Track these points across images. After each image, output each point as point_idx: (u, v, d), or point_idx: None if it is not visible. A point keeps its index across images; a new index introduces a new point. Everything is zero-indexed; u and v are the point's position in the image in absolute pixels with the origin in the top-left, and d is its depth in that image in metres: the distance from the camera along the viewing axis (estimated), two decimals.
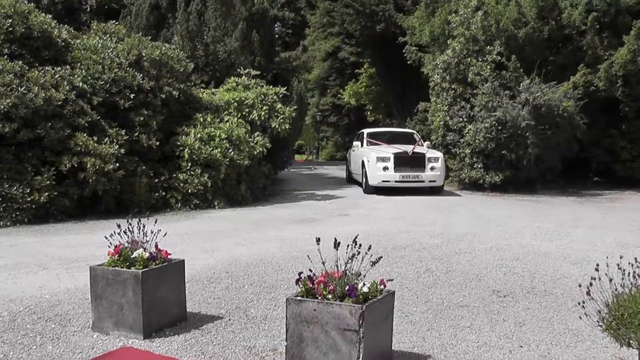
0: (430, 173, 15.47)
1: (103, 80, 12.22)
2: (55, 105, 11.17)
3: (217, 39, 19.14)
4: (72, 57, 12.54)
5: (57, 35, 12.52)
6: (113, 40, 13.63)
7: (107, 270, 4.55)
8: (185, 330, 4.62)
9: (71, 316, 5.08)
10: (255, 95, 15.36)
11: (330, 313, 3.66)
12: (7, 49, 11.44)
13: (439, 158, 15.72)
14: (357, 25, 28.55)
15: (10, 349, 4.32)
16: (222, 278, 6.38)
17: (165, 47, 14.26)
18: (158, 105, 13.12)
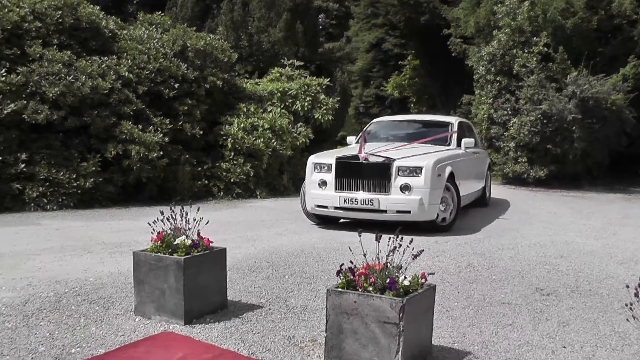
0: (400, 197, 8.50)
1: (148, 70, 12.37)
2: (102, 94, 11.35)
3: (261, 30, 19.21)
4: (119, 47, 12.71)
5: (104, 26, 12.70)
6: (159, 30, 13.80)
7: (149, 256, 4.61)
8: (226, 318, 4.65)
9: (114, 299, 5.16)
10: (298, 85, 15.39)
11: (370, 305, 3.65)
12: (57, 39, 11.64)
13: (423, 169, 8.49)
14: (401, 16, 28.30)
15: (55, 329, 4.42)
16: (263, 267, 6.41)
17: (210, 38, 14.37)
18: (202, 94, 13.25)
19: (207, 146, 13.44)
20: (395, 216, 8.47)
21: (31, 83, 10.79)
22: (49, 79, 10.84)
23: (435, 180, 8.56)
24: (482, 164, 12.07)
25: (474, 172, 11.08)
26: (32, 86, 10.80)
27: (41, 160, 10.80)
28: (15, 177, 10.57)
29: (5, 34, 10.99)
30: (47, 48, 11.29)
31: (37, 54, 11.10)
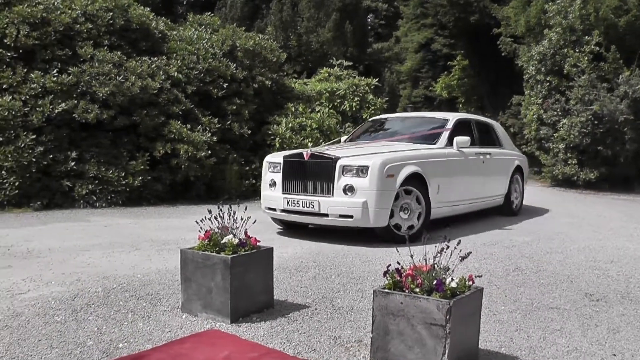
0: (342, 199, 7.62)
1: (197, 70, 12.51)
2: (151, 93, 11.51)
3: (310, 30, 19.27)
4: (168, 47, 12.87)
5: (154, 27, 12.88)
6: (208, 31, 13.94)
7: (197, 254, 4.65)
8: (272, 317, 4.66)
9: (161, 296, 5.22)
10: (347, 86, 15.39)
11: (417, 307, 3.62)
12: (107, 40, 11.85)
13: (369, 169, 7.55)
14: (450, 16, 28.08)
15: (103, 323, 4.49)
16: (309, 267, 6.42)
17: (259, 38, 14.46)
18: (250, 94, 13.34)
19: (255, 146, 13.52)
20: (338, 221, 7.71)
21: (82, 83, 11.01)
22: (100, 79, 11.05)
23: (383, 182, 7.55)
24: (498, 167, 10.56)
25: (477, 175, 9.73)
26: (82, 86, 11.02)
27: (91, 158, 11.03)
28: (66, 174, 10.82)
29: (58, 36, 11.23)
30: (98, 49, 11.50)
31: (88, 54, 11.31)
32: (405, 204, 8.00)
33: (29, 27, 10.87)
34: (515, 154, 11.59)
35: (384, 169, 7.58)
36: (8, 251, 7.05)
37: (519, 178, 11.34)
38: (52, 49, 11.15)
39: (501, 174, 10.64)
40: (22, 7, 11.01)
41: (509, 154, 11.18)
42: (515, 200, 11.17)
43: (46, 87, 10.77)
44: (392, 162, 7.76)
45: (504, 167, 10.81)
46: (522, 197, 11.57)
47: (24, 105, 10.64)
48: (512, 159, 11.15)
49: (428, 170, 8.24)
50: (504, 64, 24.55)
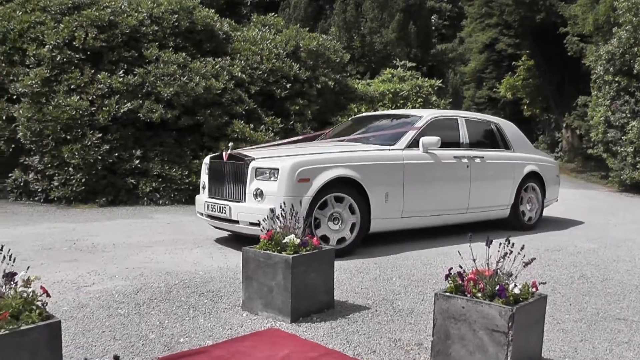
0: (252, 205, 6.81)
1: (261, 70, 12.61)
2: (215, 93, 11.66)
3: (373, 30, 19.23)
4: (232, 48, 13.01)
5: (218, 28, 13.04)
6: (272, 31, 14.05)
7: (258, 253, 4.68)
8: (332, 318, 4.65)
9: (222, 294, 5.28)
10: (410, 87, 15.30)
11: (479, 312, 3.56)
12: (172, 42, 12.06)
13: (279, 172, 6.69)
14: (516, 15, 27.57)
15: (165, 318, 4.56)
16: (370, 269, 6.38)
17: (322, 38, 14.49)
18: (313, 95, 13.38)
19: None
20: (249, 229, 6.81)
21: (147, 83, 11.24)
22: (164, 79, 11.25)
23: (294, 187, 6.61)
24: (497, 173, 9.04)
25: (458, 182, 8.39)
26: (148, 86, 11.24)
27: (155, 157, 11.27)
28: (130, 172, 11.09)
29: (124, 38, 11.48)
30: (163, 50, 11.71)
31: (154, 56, 11.53)
32: (336, 213, 6.95)
33: (97, 30, 11.14)
34: (531, 157, 9.81)
35: (295, 172, 6.63)
36: (74, 245, 7.27)
37: (536, 186, 9.71)
38: (119, 51, 11.40)
39: (502, 181, 9.13)
40: (90, 10, 11.30)
41: (518, 158, 9.49)
42: (529, 213, 9.60)
43: (112, 88, 11.03)
44: (307, 164, 6.74)
45: (507, 173, 9.23)
46: (542, 209, 9.90)
47: (91, 105, 10.92)
48: (521, 164, 9.46)
49: (368, 174, 7.15)
50: (570, 64, 24.01)
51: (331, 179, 6.81)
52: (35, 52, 10.99)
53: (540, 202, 9.82)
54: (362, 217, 7.12)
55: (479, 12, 33.60)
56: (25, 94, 10.84)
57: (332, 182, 6.84)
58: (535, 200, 9.77)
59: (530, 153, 9.96)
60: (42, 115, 10.67)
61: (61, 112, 10.58)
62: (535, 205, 9.74)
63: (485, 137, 9.38)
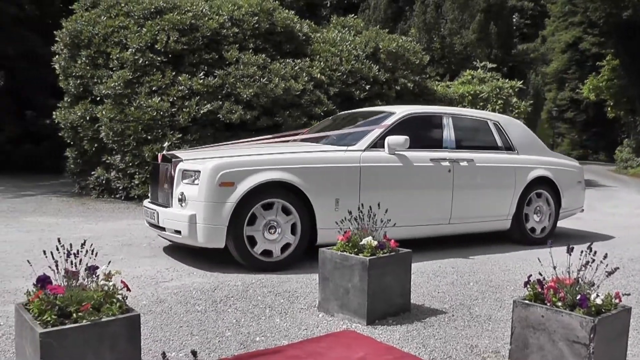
0: (175, 211, 6.22)
1: (340, 72, 12.61)
2: (294, 95, 11.72)
3: (453, 31, 18.99)
4: (312, 50, 13.06)
5: (298, 30, 13.11)
6: (351, 33, 14.04)
7: (335, 255, 4.66)
8: (408, 321, 4.58)
9: (299, 294, 5.27)
10: (490, 88, 15.03)
11: (559, 322, 3.41)
12: (252, 43, 12.19)
13: (201, 174, 6.01)
14: (601, 12, 26.68)
15: (242, 316, 4.59)
16: (447, 273, 6.27)
17: (402, 40, 14.40)
18: (392, 96, 13.31)
19: None
20: (175, 237, 6.25)
21: (227, 85, 11.39)
22: (244, 81, 11.38)
23: (216, 192, 5.91)
24: (491, 178, 7.83)
25: (437, 189, 7.31)
26: (227, 88, 11.39)
27: None
28: None
29: (205, 40, 11.68)
30: (243, 52, 11.85)
31: (234, 57, 11.68)
32: (272, 221, 6.19)
33: (178, 33, 11.38)
34: (541, 160, 8.51)
35: (216, 175, 5.93)
36: (153, 242, 7.46)
37: (547, 194, 8.45)
38: (200, 53, 11.61)
39: (500, 188, 7.92)
40: (172, 14, 11.55)
41: (521, 161, 8.21)
42: (536, 225, 8.36)
43: (193, 89, 11.23)
44: (231, 166, 6.03)
45: (506, 179, 7.98)
46: (556, 220, 8.63)
47: (171, 106, 11.15)
48: (526, 168, 8.19)
49: (311, 179, 6.31)
50: None
51: (260, 183, 6.03)
52: (118, 55, 11.32)
53: (554, 213, 8.55)
54: (303, 227, 6.29)
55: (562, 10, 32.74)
56: (109, 95, 11.17)
57: (265, 187, 6.08)
58: (546, 210, 8.46)
59: (541, 155, 8.62)
60: (124, 116, 10.98)
61: (142, 113, 10.85)
62: (545, 216, 8.45)
63: (480, 137, 8.16)
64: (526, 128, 8.93)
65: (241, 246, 6.01)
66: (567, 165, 8.96)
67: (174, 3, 11.93)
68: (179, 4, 11.93)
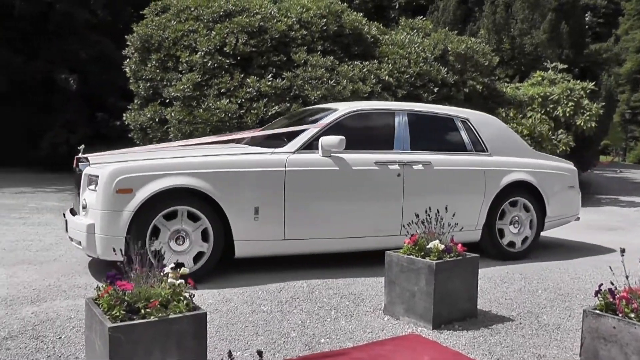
0: (78, 220, 5.69)
1: (408, 74, 12.54)
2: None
3: (523, 32, 18.64)
4: (380, 52, 13.02)
5: (366, 32, 13.09)
6: (420, 35, 13.95)
7: (402, 258, 4.65)
8: (474, 327, 4.53)
9: (364, 296, 5.28)
10: (560, 90, 14.70)
11: (631, 334, 3.31)
12: (321, 45, 12.22)
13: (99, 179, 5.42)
14: None
15: (307, 318, 4.63)
16: (515, 279, 6.16)
17: (471, 41, 14.22)
18: (461, 99, 13.16)
19: None
20: (78, 246, 5.63)
21: (295, 87, 11.45)
22: (312, 83, 11.42)
23: (113, 199, 5.32)
24: (452, 184, 6.88)
25: (384, 196, 6.47)
26: (295, 90, 11.45)
27: None
28: None
29: (273, 43, 11.76)
30: (311, 54, 11.89)
31: (302, 59, 11.74)
32: (178, 230, 5.58)
33: (247, 35, 11.50)
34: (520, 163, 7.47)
35: (113, 181, 5.35)
36: None
37: (526, 202, 7.42)
38: (268, 55, 11.71)
39: (465, 194, 6.94)
40: (241, 17, 11.67)
41: (494, 163, 7.22)
42: (513, 237, 7.35)
43: (261, 91, 11.34)
44: (129, 171, 5.43)
45: (474, 184, 7.02)
46: (538, 230, 7.56)
47: (239, 107, 11.28)
48: (499, 171, 7.20)
49: (223, 184, 5.66)
50: None
51: (162, 189, 5.42)
52: (187, 58, 11.51)
53: (536, 223, 7.50)
54: (216, 232, 5.65)
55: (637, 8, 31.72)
56: (177, 97, 11.38)
57: (168, 195, 5.49)
58: (525, 220, 7.45)
59: (521, 157, 7.58)
60: (193, 118, 11.17)
61: (211, 115, 11.02)
62: (524, 227, 7.42)
63: (443, 136, 7.27)
64: (503, 126, 8.02)
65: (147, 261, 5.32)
66: (555, 168, 7.87)
67: (242, 6, 12.06)
68: (247, 6, 12.06)
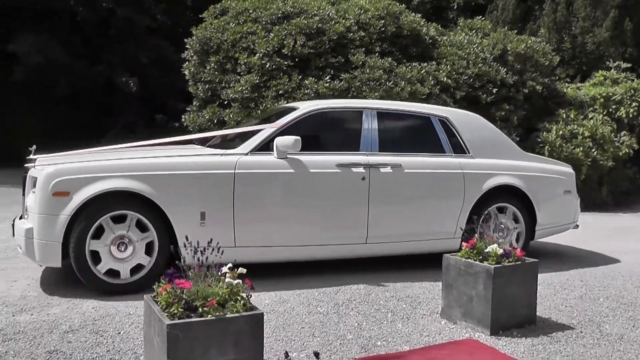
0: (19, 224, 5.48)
1: (466, 75, 12.41)
2: (420, 98, 11.63)
3: (585, 30, 18.16)
4: (438, 53, 12.93)
5: (425, 33, 13.01)
6: (478, 35, 13.80)
7: (459, 261, 4.60)
8: (533, 335, 4.45)
9: (421, 300, 5.25)
10: (624, 90, 14.29)
11: None
12: (379, 47, 12.19)
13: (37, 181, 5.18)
14: None
15: (363, 320, 4.63)
16: (575, 286, 6.02)
17: (531, 41, 13.98)
18: (520, 100, 12.98)
19: None
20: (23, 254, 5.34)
21: (353, 88, 11.45)
22: (370, 84, 11.40)
23: (50, 203, 5.06)
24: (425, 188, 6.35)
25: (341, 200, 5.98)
26: (353, 91, 11.45)
27: None
28: None
29: (332, 44, 11.79)
30: (370, 55, 11.87)
31: (360, 61, 11.73)
32: (123, 237, 5.28)
33: (305, 37, 11.55)
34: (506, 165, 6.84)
35: (50, 182, 5.08)
36: None
37: (513, 208, 6.74)
38: (326, 57, 11.74)
39: (439, 200, 6.41)
40: (299, 19, 11.74)
41: (475, 166, 6.63)
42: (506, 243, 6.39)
43: (319, 93, 11.36)
44: (66, 174, 5.14)
45: (452, 188, 6.46)
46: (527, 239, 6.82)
47: None
48: (481, 175, 6.60)
49: (165, 188, 5.35)
50: None
51: (100, 192, 5.13)
52: (246, 60, 11.62)
53: (524, 231, 6.78)
54: (161, 247, 5.35)
55: None
56: (236, 99, 11.51)
57: (116, 198, 5.23)
58: (512, 228, 6.74)
59: (508, 159, 6.96)
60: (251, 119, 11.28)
61: None
62: (510, 236, 6.69)
63: (417, 137, 6.72)
64: (489, 126, 7.33)
65: (82, 261, 5.12)
66: (548, 171, 7.21)
67: (300, 8, 12.13)
68: (305, 8, 12.12)
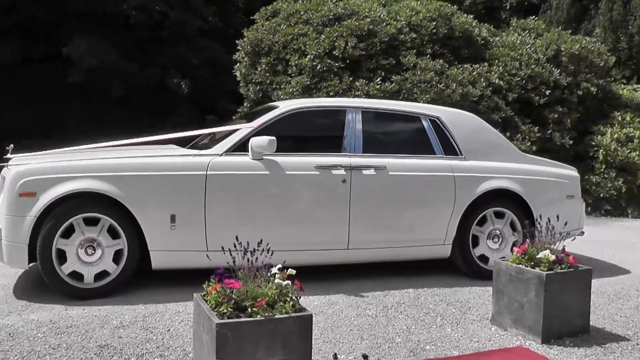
0: None
1: (519, 77, 12.23)
2: (471, 100, 11.52)
3: None
4: (490, 54, 12.78)
5: (476, 34, 12.87)
6: (531, 36, 13.58)
7: (510, 267, 4.53)
8: (587, 344, 4.34)
9: (471, 305, 5.20)
10: None
11: None
12: (430, 49, 12.12)
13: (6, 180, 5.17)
14: None
15: (412, 323, 4.61)
16: (631, 295, 5.85)
17: (586, 41, 13.69)
18: (574, 102, 12.72)
19: (576, 157, 12.83)
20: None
21: (404, 90, 11.39)
22: (421, 86, 11.33)
23: (16, 203, 4.98)
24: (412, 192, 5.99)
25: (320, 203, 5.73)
26: (404, 93, 11.39)
27: None
28: None
29: (383, 46, 11.75)
30: (421, 57, 11.80)
31: (411, 63, 11.67)
32: (92, 240, 5.15)
33: (356, 39, 11.54)
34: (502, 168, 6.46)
35: (17, 182, 4.99)
36: None
37: (509, 213, 6.38)
38: (377, 59, 11.71)
39: (428, 204, 6.09)
40: (350, 21, 11.74)
41: (467, 169, 6.29)
42: (491, 253, 6.29)
43: (370, 94, 11.34)
44: (33, 174, 5.04)
45: (441, 192, 6.12)
46: None
47: None
48: (474, 178, 6.25)
49: (135, 189, 5.19)
50: None
51: (66, 194, 5.01)
52: (297, 61, 11.67)
53: (521, 239, 6.34)
54: (130, 255, 5.22)
55: None
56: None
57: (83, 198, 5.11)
58: (507, 235, 6.42)
59: (505, 161, 6.58)
60: None
61: None
62: (506, 243, 6.40)
63: (405, 137, 6.46)
64: (485, 126, 6.96)
65: (47, 260, 5.01)
66: (549, 175, 6.76)
67: (352, 10, 12.13)
68: (357, 10, 12.11)
